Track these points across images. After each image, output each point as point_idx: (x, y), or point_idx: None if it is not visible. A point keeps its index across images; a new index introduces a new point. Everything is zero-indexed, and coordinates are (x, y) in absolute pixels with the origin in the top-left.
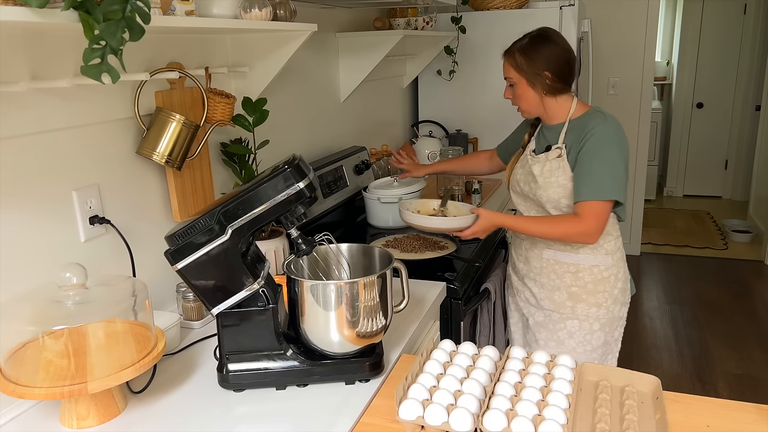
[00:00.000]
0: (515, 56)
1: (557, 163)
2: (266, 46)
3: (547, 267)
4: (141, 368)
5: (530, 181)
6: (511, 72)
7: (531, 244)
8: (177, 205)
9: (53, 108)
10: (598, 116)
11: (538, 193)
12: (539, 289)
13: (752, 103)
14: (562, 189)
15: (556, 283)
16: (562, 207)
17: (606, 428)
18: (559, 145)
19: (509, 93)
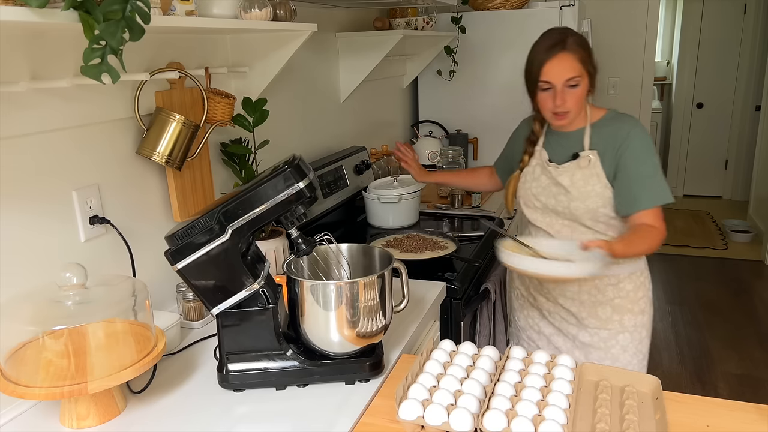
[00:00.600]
0: (578, 50)
1: (590, 171)
2: (266, 46)
3: (586, 283)
4: (141, 368)
5: (558, 193)
6: (578, 68)
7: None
8: (177, 205)
9: (53, 108)
10: (627, 119)
11: (572, 205)
12: (579, 307)
13: (752, 103)
14: (599, 198)
15: (598, 298)
16: (599, 217)
17: (606, 428)
18: (589, 152)
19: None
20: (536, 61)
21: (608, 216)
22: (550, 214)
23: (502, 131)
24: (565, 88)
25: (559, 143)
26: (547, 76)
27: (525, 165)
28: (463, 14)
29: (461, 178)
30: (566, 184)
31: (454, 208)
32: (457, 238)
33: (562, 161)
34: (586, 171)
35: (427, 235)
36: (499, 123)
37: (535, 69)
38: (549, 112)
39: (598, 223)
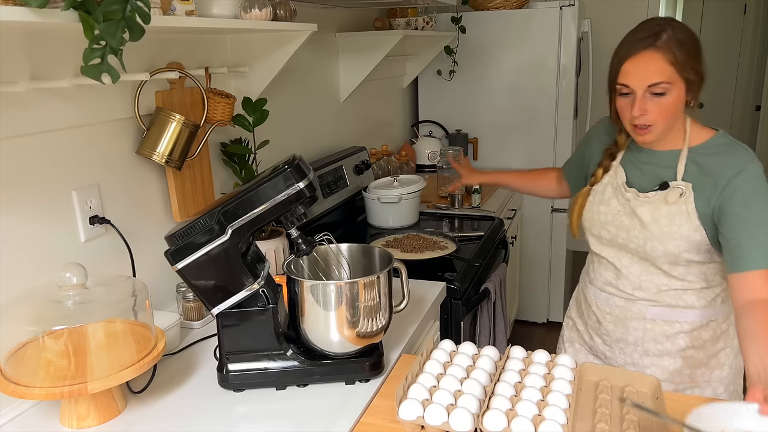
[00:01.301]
0: (673, 49)
1: (679, 208)
2: (266, 46)
3: (653, 329)
4: (141, 368)
5: (632, 227)
6: (667, 72)
7: (628, 302)
8: (177, 205)
9: (53, 108)
10: (740, 151)
11: (648, 245)
12: (642, 356)
13: (752, 103)
14: (685, 242)
15: (666, 347)
16: (680, 262)
17: (606, 428)
18: (682, 183)
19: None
20: (617, 57)
21: (692, 261)
22: (623, 249)
23: (502, 131)
24: (648, 96)
25: (643, 164)
26: (626, 79)
27: (597, 181)
28: (463, 14)
29: (520, 179)
30: (646, 220)
31: (454, 208)
32: (457, 238)
33: (645, 188)
34: (674, 207)
35: (427, 235)
36: (499, 123)
37: (614, 67)
38: (628, 123)
39: (677, 267)
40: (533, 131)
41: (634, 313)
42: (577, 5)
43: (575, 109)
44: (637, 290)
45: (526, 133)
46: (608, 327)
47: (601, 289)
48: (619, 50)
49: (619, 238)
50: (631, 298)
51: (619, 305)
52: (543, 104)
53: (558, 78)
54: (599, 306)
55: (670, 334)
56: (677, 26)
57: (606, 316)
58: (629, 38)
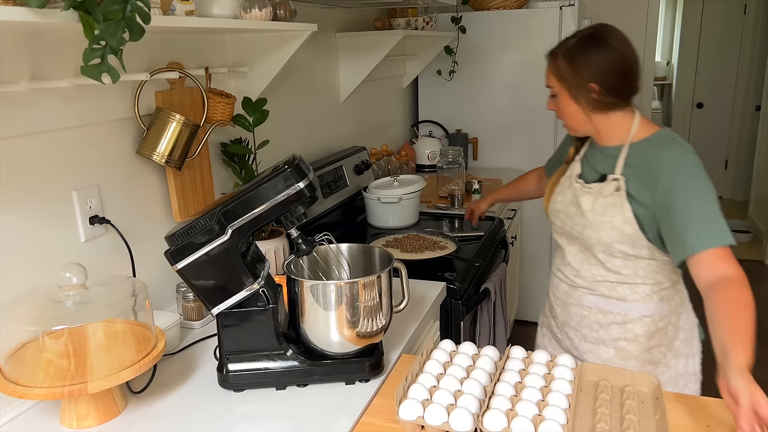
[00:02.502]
0: (558, 61)
1: (614, 199)
2: (266, 46)
3: (589, 316)
4: (141, 368)
5: (575, 214)
6: (552, 80)
7: (570, 288)
8: (177, 205)
9: (53, 108)
10: (671, 143)
11: (585, 232)
12: (580, 340)
13: (752, 103)
14: (616, 232)
15: (600, 335)
16: (613, 252)
17: (606, 428)
18: (617, 177)
19: (552, 104)
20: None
21: (627, 254)
22: (569, 236)
23: (502, 131)
24: (551, 97)
25: (594, 158)
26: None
27: (569, 159)
28: (463, 14)
29: (510, 191)
30: (585, 208)
31: (454, 208)
32: (457, 238)
33: (589, 180)
34: (609, 198)
35: (427, 235)
36: (499, 123)
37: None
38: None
39: (613, 258)
40: (533, 131)
41: (574, 299)
42: (577, 5)
43: None
44: (577, 278)
45: (526, 133)
46: (557, 310)
47: (554, 274)
48: None
49: (566, 226)
50: (573, 284)
51: (564, 290)
52: (543, 104)
53: None
54: (552, 290)
55: (604, 324)
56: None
57: (556, 300)
58: None
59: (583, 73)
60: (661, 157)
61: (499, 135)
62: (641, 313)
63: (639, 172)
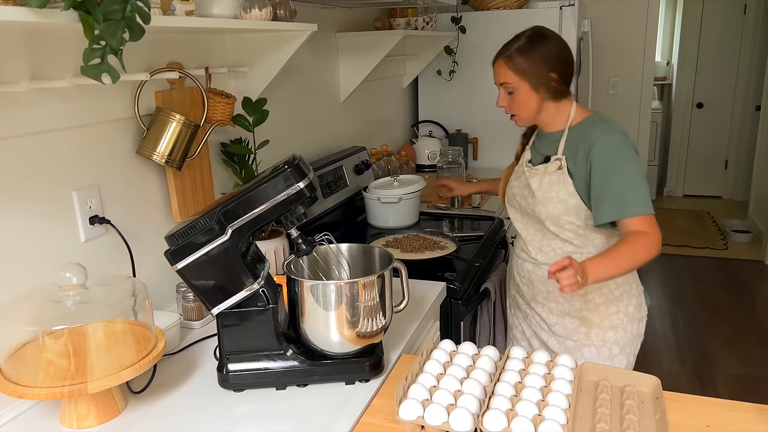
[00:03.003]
0: (514, 58)
1: (557, 176)
2: (266, 46)
3: (554, 291)
4: (141, 368)
5: (527, 195)
6: (510, 76)
7: (534, 266)
8: (177, 205)
9: (53, 108)
10: (601, 124)
11: (536, 208)
12: (548, 314)
13: (752, 103)
14: (562, 205)
15: (565, 308)
16: (563, 224)
17: (606, 428)
18: (558, 156)
19: (504, 100)
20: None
21: (574, 225)
22: (525, 215)
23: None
24: (504, 92)
25: (540, 144)
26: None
27: (517, 155)
28: (463, 14)
29: (492, 185)
30: (534, 187)
31: (454, 208)
32: (457, 238)
33: (537, 163)
34: (553, 176)
35: (427, 235)
36: (499, 123)
37: None
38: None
39: (563, 230)
40: None
41: (539, 276)
42: (577, 5)
43: None
44: (539, 254)
45: None
46: (523, 289)
47: (517, 255)
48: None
49: (522, 206)
50: (536, 262)
51: (528, 269)
52: None
53: None
54: (517, 270)
55: (568, 296)
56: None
57: (522, 279)
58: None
59: (542, 65)
60: (592, 136)
61: (499, 135)
62: (602, 285)
63: (575, 151)
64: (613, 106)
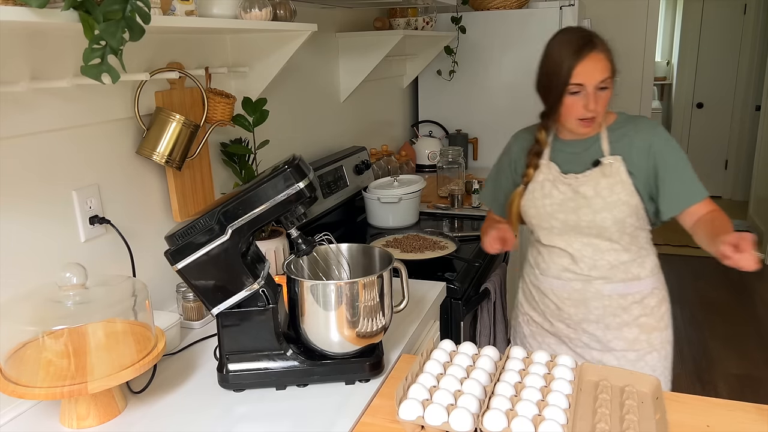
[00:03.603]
0: (607, 50)
1: (615, 178)
2: (266, 46)
3: (611, 304)
4: (141, 368)
5: (580, 206)
6: (608, 69)
7: (585, 283)
8: (177, 205)
9: (53, 108)
10: (644, 119)
11: (599, 217)
12: (604, 331)
13: (752, 103)
14: (626, 207)
15: (624, 319)
16: (626, 228)
17: (606, 428)
18: (612, 158)
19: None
20: (565, 62)
21: (634, 226)
22: (569, 232)
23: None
24: (596, 92)
25: (570, 153)
26: (580, 78)
27: (529, 179)
28: (463, 14)
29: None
30: (590, 195)
31: (454, 208)
32: (457, 238)
33: (580, 171)
34: (611, 179)
35: (427, 235)
36: (499, 123)
37: (564, 70)
38: (574, 119)
39: (625, 235)
40: None
41: (592, 293)
42: (577, 5)
43: None
44: (593, 270)
45: None
46: (569, 311)
47: (557, 276)
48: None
49: (570, 222)
50: (588, 278)
51: (576, 288)
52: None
53: None
54: (556, 293)
55: (625, 306)
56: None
57: (565, 300)
58: (568, 45)
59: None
60: (642, 132)
61: (499, 135)
62: (652, 286)
63: (627, 149)
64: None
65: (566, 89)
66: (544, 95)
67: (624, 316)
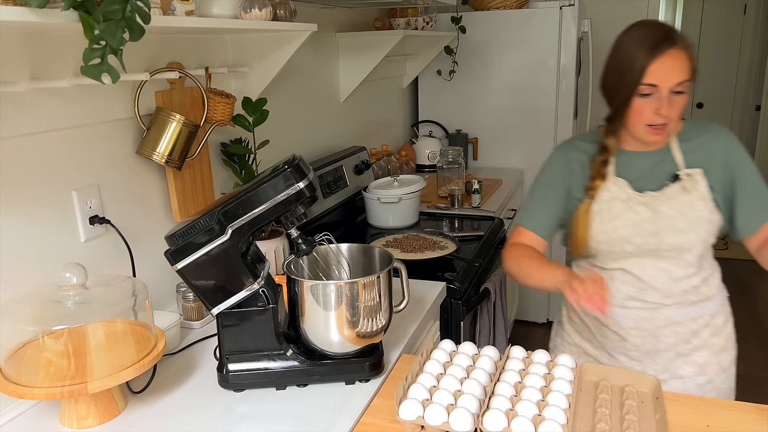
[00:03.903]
0: (688, 47)
1: (696, 194)
2: (266, 46)
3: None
4: (141, 368)
5: (662, 228)
6: (688, 69)
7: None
8: (177, 205)
9: (53, 108)
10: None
11: (683, 239)
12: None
13: (752, 103)
14: (710, 225)
15: (694, 343)
16: (708, 247)
17: (606, 428)
18: (691, 170)
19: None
20: (638, 59)
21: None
22: (644, 256)
23: (502, 131)
24: (671, 95)
25: (640, 168)
26: (653, 78)
27: (596, 192)
28: (463, 14)
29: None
30: (673, 214)
31: (454, 208)
32: (457, 238)
33: (656, 188)
34: (691, 194)
35: (427, 235)
36: (499, 123)
37: (636, 69)
38: (642, 125)
39: (704, 259)
40: (533, 131)
41: (662, 321)
42: (577, 5)
43: (575, 109)
44: (666, 297)
45: (526, 133)
46: (636, 342)
47: (621, 305)
48: (635, 54)
49: (648, 246)
50: (658, 306)
51: (644, 317)
52: (543, 104)
53: (558, 78)
54: (619, 324)
55: (696, 330)
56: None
57: (631, 331)
58: (643, 41)
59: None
60: (717, 139)
61: (499, 135)
62: (720, 303)
63: (705, 161)
64: None
65: (636, 90)
66: (610, 96)
67: (694, 340)
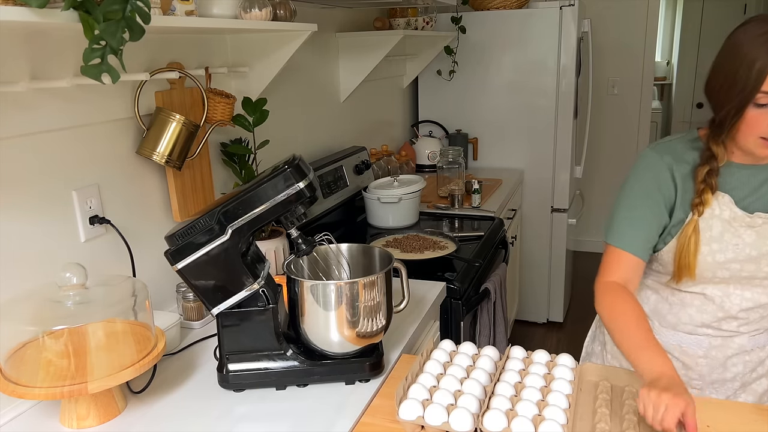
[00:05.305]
0: None
1: None
2: (266, 46)
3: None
4: (141, 368)
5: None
6: None
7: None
8: (177, 205)
9: (53, 108)
10: None
11: None
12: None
13: None
14: None
15: (758, 372)
16: None
17: (606, 428)
18: None
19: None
20: (758, 61)
21: None
22: (733, 283)
23: (502, 131)
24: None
25: (746, 182)
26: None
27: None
28: (463, 14)
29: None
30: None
31: (454, 208)
32: (457, 238)
33: (762, 208)
34: None
35: (427, 235)
36: (499, 123)
37: (754, 72)
38: (755, 137)
39: None
40: (533, 131)
41: (733, 350)
42: (577, 5)
43: (575, 109)
44: (743, 326)
45: (526, 133)
46: (702, 370)
47: (692, 332)
48: (752, 55)
49: (744, 272)
50: (733, 334)
51: (715, 345)
52: (543, 104)
53: (558, 78)
54: (686, 351)
55: (763, 358)
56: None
57: (698, 360)
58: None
59: None
60: None
61: (499, 135)
62: None
63: None
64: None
65: (753, 98)
66: (720, 101)
67: (760, 369)
